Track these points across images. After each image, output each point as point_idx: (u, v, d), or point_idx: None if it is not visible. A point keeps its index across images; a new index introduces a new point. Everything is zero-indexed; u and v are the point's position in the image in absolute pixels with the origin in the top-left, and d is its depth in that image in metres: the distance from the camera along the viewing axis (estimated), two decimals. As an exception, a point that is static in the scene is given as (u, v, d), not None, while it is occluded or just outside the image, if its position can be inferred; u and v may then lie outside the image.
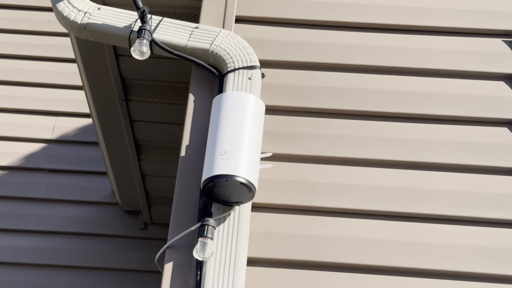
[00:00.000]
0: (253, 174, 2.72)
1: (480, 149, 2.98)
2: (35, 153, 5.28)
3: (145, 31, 3.00)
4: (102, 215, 5.11)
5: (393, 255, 2.78)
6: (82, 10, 3.16)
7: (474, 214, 2.86)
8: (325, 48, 3.19)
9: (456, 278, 2.75)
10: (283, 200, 2.88)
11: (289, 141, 3.00)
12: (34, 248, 4.97)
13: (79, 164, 5.24)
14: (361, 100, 3.08)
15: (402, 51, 3.19)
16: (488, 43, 3.21)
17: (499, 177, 2.93)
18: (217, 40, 3.08)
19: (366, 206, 2.87)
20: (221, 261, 2.66)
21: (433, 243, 2.80)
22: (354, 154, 2.97)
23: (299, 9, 3.27)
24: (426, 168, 2.95)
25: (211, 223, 2.67)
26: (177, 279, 2.67)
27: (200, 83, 3.07)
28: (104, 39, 3.16)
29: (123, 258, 4.98)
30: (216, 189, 2.70)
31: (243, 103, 2.86)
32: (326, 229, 2.83)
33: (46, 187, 5.16)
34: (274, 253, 2.78)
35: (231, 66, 3.02)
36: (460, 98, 3.09)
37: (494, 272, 2.76)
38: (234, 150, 2.73)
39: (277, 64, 3.16)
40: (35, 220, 5.05)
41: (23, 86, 5.52)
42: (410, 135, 3.02)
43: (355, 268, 2.77)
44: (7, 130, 5.33)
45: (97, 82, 3.95)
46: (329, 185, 2.91)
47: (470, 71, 3.15)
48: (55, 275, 4.90)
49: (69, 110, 5.42)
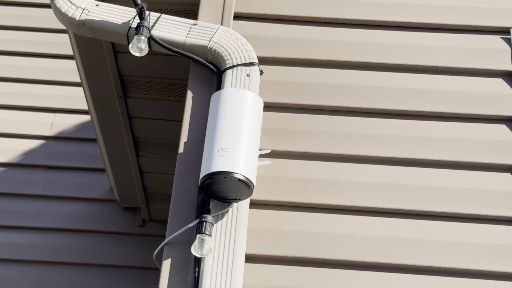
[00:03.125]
0: (251, 171, 2.72)
1: (478, 146, 2.98)
2: (33, 149, 5.27)
3: (144, 28, 3.00)
4: (101, 212, 5.11)
5: (391, 252, 2.78)
6: (80, 6, 3.15)
7: (472, 211, 2.86)
8: (323, 45, 3.19)
9: (455, 275, 2.75)
10: (281, 197, 2.88)
11: (288, 138, 2.99)
12: (32, 244, 4.96)
13: (78, 161, 5.24)
14: (360, 97, 3.08)
15: (401, 48, 3.18)
16: (487, 40, 3.20)
17: (498, 174, 2.93)
18: (215, 36, 3.07)
19: (364, 203, 2.87)
20: (219, 257, 2.66)
21: (431, 240, 2.80)
22: (353, 151, 2.97)
23: (297, 6, 3.26)
24: (424, 165, 2.95)
25: (209, 220, 2.67)
26: (175, 276, 2.67)
27: (198, 80, 3.07)
28: (102, 36, 3.16)
29: (122, 255, 4.98)
30: (215, 185, 2.70)
31: (241, 100, 2.86)
32: (324, 226, 2.83)
33: (45, 184, 5.16)
34: (272, 249, 2.78)
35: (230, 63, 3.02)
36: (458, 95, 3.09)
37: (493, 269, 2.76)
38: (232, 147, 2.72)
39: (276, 61, 3.16)
40: (33, 216, 5.04)
41: (21, 83, 5.52)
42: (409, 132, 3.01)
43: (353, 265, 2.77)
44: (5, 126, 5.33)
45: (95, 78, 3.94)
46: (327, 182, 2.91)
47: (468, 68, 3.15)
48: (53, 272, 4.90)
49: (67, 107, 5.42)
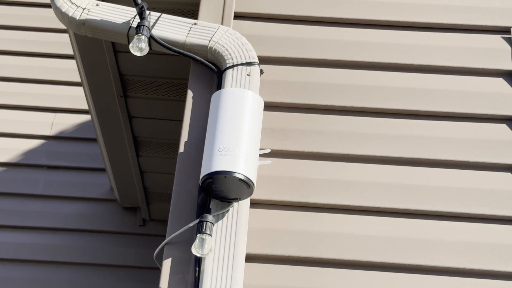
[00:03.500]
0: (252, 171, 2.72)
1: (479, 145, 2.98)
2: (33, 149, 5.27)
3: (144, 27, 3.00)
4: (101, 212, 5.10)
5: (392, 252, 2.78)
6: (80, 6, 3.15)
7: (473, 210, 2.86)
8: (324, 45, 3.19)
9: (456, 274, 2.75)
10: (281, 196, 2.88)
11: (288, 137, 2.99)
12: (33, 244, 4.96)
13: (78, 161, 5.24)
14: (360, 97, 3.08)
15: (402, 48, 3.18)
16: (487, 40, 3.20)
17: (498, 173, 2.93)
18: (215, 36, 3.07)
19: (365, 202, 2.87)
20: (220, 257, 2.66)
21: (432, 240, 2.80)
22: (353, 150, 2.97)
23: (298, 5, 3.26)
24: (425, 165, 2.95)
25: (210, 220, 2.67)
26: (176, 276, 2.66)
27: (198, 80, 3.07)
28: (102, 35, 3.16)
29: (122, 255, 4.98)
30: (215, 185, 2.70)
31: (242, 99, 2.86)
32: (325, 226, 2.83)
33: (45, 184, 5.16)
34: (273, 249, 2.78)
35: (230, 62, 3.02)
36: (459, 94, 3.09)
37: (494, 268, 2.76)
38: (232, 146, 2.72)
39: (276, 61, 3.16)
40: (34, 216, 5.04)
41: (21, 83, 5.52)
42: (409, 131, 3.01)
43: (354, 265, 2.77)
44: (5, 126, 5.33)
45: (95, 78, 3.94)
46: (328, 182, 2.91)
47: (469, 67, 3.15)
48: (54, 272, 4.90)
49: (67, 107, 5.42)
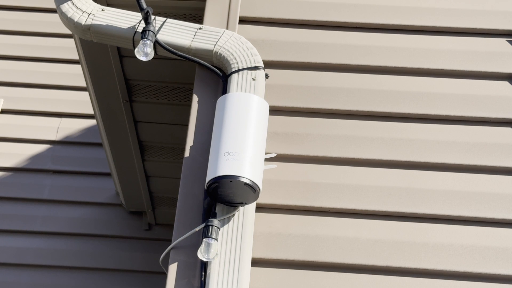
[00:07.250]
0: (258, 175, 2.72)
1: (483, 149, 2.98)
2: (39, 154, 5.28)
3: (149, 32, 3.00)
4: (107, 216, 5.11)
5: (397, 256, 2.78)
6: (86, 11, 3.16)
7: (478, 214, 2.86)
8: (328, 49, 3.19)
9: (460, 278, 2.75)
10: (287, 200, 2.88)
11: (293, 141, 3.00)
12: (39, 249, 4.97)
13: (83, 165, 5.25)
14: (365, 101, 3.08)
15: (406, 51, 3.19)
16: (492, 43, 3.20)
17: (503, 177, 2.93)
18: (221, 41, 3.08)
19: (370, 206, 2.87)
20: (226, 261, 2.67)
21: (437, 243, 2.80)
22: (358, 154, 2.98)
23: (302, 10, 3.27)
24: (430, 168, 2.95)
25: (216, 224, 2.67)
26: (182, 280, 2.67)
27: (204, 84, 3.07)
28: (108, 40, 3.17)
29: (128, 259, 4.99)
30: (221, 189, 2.70)
31: (247, 103, 2.86)
32: (330, 230, 2.83)
33: (51, 188, 5.17)
34: (278, 253, 2.78)
35: (235, 66, 3.02)
36: (463, 98, 3.09)
37: (498, 272, 2.76)
38: (238, 150, 2.73)
39: (281, 65, 3.16)
40: (40, 221, 5.05)
41: (27, 88, 5.53)
42: (414, 135, 3.02)
43: (359, 269, 2.77)
44: (11, 131, 5.34)
45: (101, 83, 3.95)
46: (333, 186, 2.91)
47: (473, 71, 3.15)
48: (59, 276, 4.90)
49: (73, 111, 5.43)
